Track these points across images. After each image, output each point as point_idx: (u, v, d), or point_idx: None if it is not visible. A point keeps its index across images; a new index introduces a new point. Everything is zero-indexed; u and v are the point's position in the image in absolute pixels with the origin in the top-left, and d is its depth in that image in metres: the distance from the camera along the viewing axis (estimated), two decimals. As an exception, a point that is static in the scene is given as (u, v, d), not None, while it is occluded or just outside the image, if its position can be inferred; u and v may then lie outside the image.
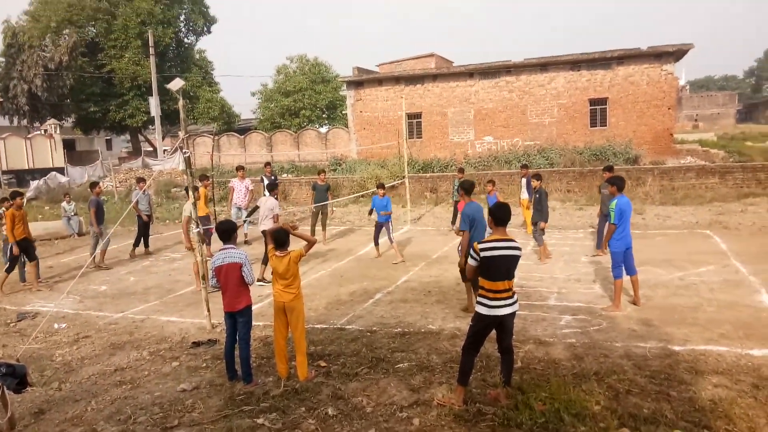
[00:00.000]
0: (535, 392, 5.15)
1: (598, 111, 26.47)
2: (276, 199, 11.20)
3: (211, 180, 13.71)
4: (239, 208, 14.43)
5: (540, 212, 11.08)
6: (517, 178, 17.02)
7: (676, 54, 25.06)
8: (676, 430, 4.61)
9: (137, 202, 13.53)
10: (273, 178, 15.55)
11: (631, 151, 23.33)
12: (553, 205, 16.10)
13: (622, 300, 7.92)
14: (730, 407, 4.91)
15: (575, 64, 26.43)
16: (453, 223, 15.22)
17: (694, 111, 70.28)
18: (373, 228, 12.45)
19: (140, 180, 14.59)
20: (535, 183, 11.39)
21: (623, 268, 7.85)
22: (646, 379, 5.55)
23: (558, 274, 10.03)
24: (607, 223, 10.53)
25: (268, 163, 16.29)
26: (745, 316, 7.35)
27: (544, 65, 26.96)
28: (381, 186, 12.35)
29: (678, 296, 8.36)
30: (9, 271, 10.86)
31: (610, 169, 11.42)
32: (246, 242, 14.29)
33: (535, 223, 11.24)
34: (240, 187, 14.53)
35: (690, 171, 18.45)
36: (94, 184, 13.24)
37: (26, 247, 10.85)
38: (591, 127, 26.55)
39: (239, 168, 14.96)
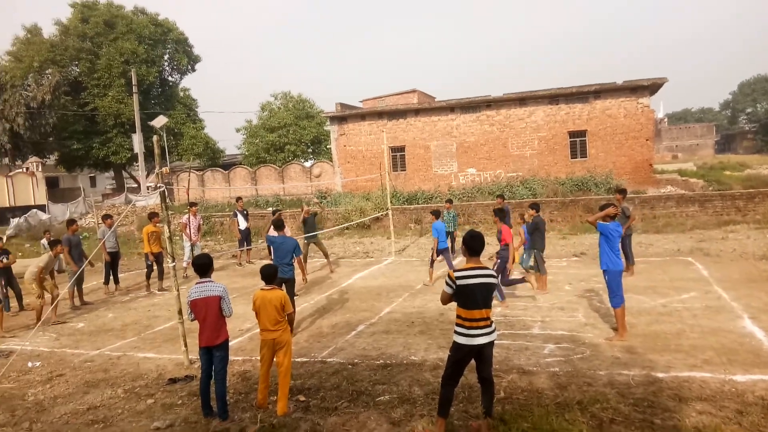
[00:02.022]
0: (518, 423, 5.06)
1: (578, 143, 26.88)
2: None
3: (160, 217, 14.00)
4: (192, 244, 14.64)
5: (539, 240, 11.01)
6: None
7: (651, 87, 25.64)
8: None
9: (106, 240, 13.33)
10: (245, 212, 16.44)
11: (611, 182, 23.64)
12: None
13: (615, 327, 7.87)
14: (715, 434, 4.84)
15: (553, 98, 26.94)
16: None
17: (674, 142, 71.73)
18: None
19: (107, 217, 14.12)
20: (531, 212, 11.24)
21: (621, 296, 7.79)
22: (629, 408, 5.47)
23: (541, 303, 9.99)
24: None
25: (239, 198, 17.64)
26: (728, 341, 7.33)
27: (523, 99, 27.43)
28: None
29: (661, 323, 8.33)
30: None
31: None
32: (185, 276, 14.56)
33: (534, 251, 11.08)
34: (193, 223, 14.79)
35: (670, 200, 18.71)
36: (71, 222, 13.01)
37: None
38: (572, 158, 26.91)
39: (192, 204, 15.20)
